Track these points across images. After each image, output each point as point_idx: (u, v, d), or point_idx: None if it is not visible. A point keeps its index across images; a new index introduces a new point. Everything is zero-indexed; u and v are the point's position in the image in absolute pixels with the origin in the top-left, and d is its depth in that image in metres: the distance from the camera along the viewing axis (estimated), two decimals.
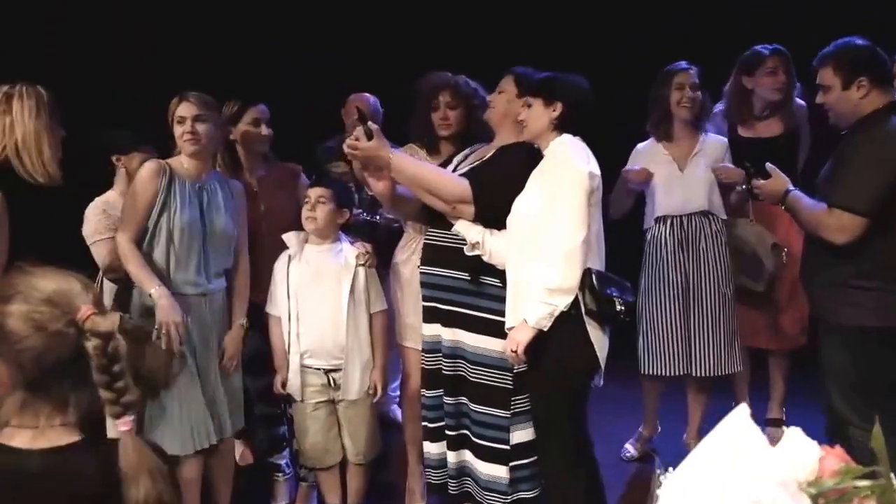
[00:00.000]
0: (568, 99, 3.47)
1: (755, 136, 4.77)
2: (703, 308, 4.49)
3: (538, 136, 3.54)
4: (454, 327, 3.73)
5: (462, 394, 3.77)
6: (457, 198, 3.58)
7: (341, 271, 3.99)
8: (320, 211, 3.96)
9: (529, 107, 3.51)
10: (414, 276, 4.02)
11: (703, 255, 4.50)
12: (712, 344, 4.49)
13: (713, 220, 4.54)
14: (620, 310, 3.33)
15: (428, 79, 4.06)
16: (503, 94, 3.75)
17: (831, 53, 3.53)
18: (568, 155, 3.39)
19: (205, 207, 3.83)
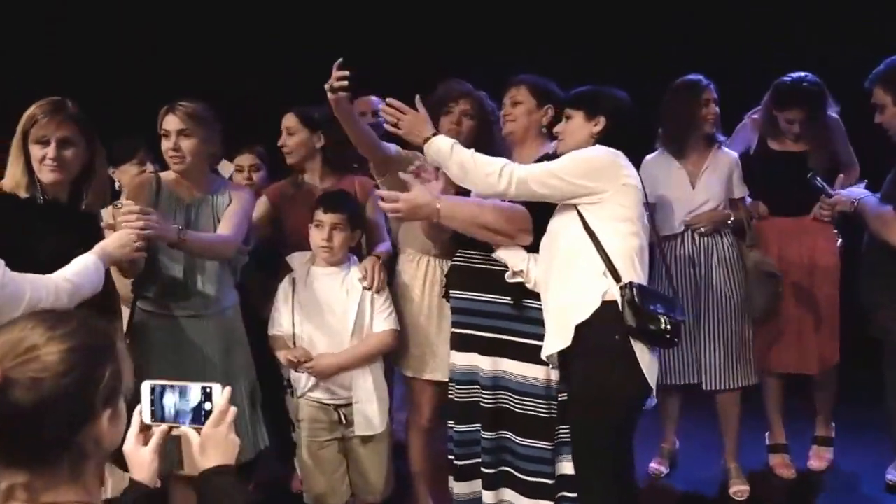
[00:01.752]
0: (611, 113, 3.42)
1: (784, 149, 4.70)
2: (712, 319, 4.48)
3: (577, 149, 3.43)
4: (496, 356, 3.64)
5: (505, 427, 3.69)
6: (519, 228, 3.52)
7: (349, 298, 3.87)
8: (337, 239, 3.84)
9: (568, 119, 3.47)
10: (427, 301, 3.96)
11: (714, 270, 4.49)
12: (722, 355, 4.47)
13: (725, 234, 4.54)
14: (666, 328, 3.22)
15: (449, 84, 3.97)
16: (522, 106, 3.72)
17: (881, 73, 3.61)
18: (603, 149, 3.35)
19: (190, 225, 3.69)
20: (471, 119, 3.90)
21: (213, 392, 2.07)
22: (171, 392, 2.06)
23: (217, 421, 2.04)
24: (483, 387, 3.67)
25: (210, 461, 2.01)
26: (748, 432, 4.80)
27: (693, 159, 4.55)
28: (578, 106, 3.45)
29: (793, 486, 4.77)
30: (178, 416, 2.06)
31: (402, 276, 4.03)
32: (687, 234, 4.48)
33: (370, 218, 4.10)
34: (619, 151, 3.39)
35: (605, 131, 3.41)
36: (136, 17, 6.16)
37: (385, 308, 3.92)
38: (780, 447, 4.91)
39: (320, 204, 3.89)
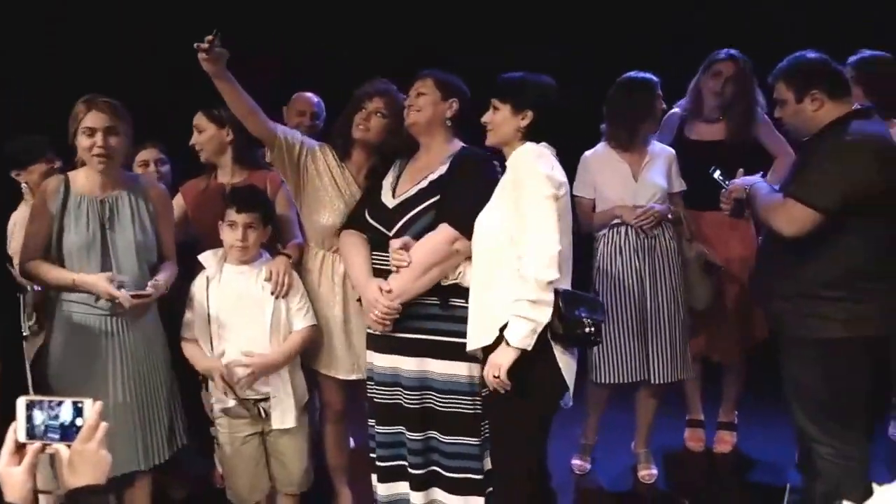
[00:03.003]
0: (538, 107, 3.39)
1: (698, 138, 4.83)
2: (660, 314, 4.50)
3: (504, 142, 3.46)
4: (422, 356, 3.63)
5: (432, 427, 3.68)
6: (451, 243, 3.53)
7: (265, 295, 3.84)
8: (251, 238, 3.81)
9: (496, 110, 3.43)
10: (333, 297, 3.94)
11: (658, 262, 4.52)
12: (669, 350, 4.49)
13: (666, 227, 4.56)
14: (590, 331, 3.26)
15: (368, 83, 3.97)
16: (426, 97, 3.69)
17: (783, 68, 3.59)
18: (531, 163, 3.31)
19: (106, 222, 3.68)
20: (382, 117, 3.89)
21: (85, 407, 1.99)
22: (45, 408, 1.98)
23: (87, 437, 1.97)
24: (407, 388, 3.65)
25: (80, 479, 1.94)
26: (667, 417, 4.93)
27: (635, 154, 4.57)
28: (505, 98, 3.41)
29: (700, 468, 4.93)
30: (49, 431, 1.97)
31: (306, 272, 4.00)
32: (630, 228, 4.49)
33: (281, 213, 4.07)
34: (552, 159, 3.35)
35: (532, 125, 3.38)
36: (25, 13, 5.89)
37: (303, 305, 3.90)
38: (696, 422, 5.11)
39: (232, 203, 3.85)
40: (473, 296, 3.41)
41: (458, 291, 3.56)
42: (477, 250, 3.41)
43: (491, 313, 3.31)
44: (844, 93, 3.55)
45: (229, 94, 3.76)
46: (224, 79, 3.70)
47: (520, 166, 3.33)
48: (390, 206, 3.69)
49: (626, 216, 4.48)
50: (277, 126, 3.97)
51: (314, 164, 3.98)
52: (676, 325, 4.50)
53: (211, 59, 3.58)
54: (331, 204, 3.95)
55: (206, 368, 3.82)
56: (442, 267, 3.56)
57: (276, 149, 3.93)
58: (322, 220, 3.96)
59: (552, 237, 3.20)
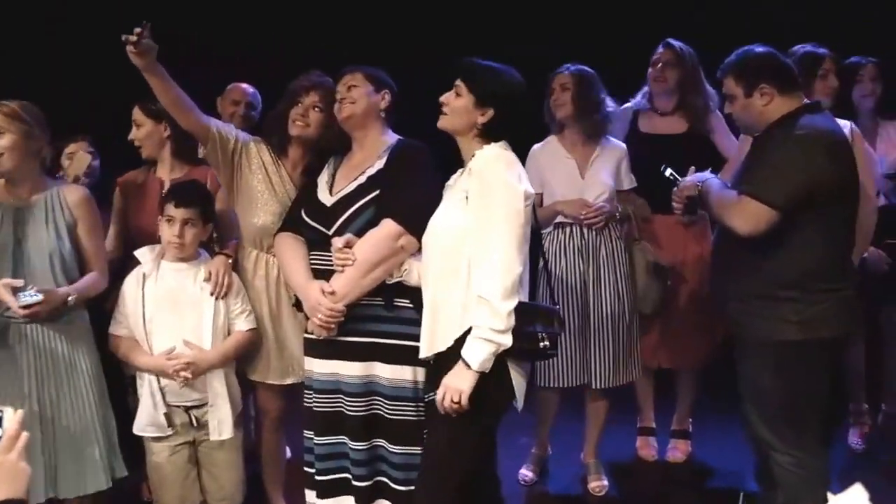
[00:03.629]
0: (501, 106, 3.28)
1: (654, 132, 4.80)
2: (602, 316, 4.45)
3: (456, 132, 3.34)
4: (368, 360, 3.55)
5: (377, 435, 3.59)
6: (396, 239, 3.47)
7: (203, 295, 3.78)
8: (189, 235, 3.75)
9: (458, 95, 3.30)
10: (268, 300, 3.89)
11: (603, 263, 4.46)
12: (611, 354, 4.45)
13: (613, 227, 4.50)
14: (544, 346, 3.21)
15: (304, 76, 3.90)
16: (359, 89, 3.65)
17: (731, 63, 3.58)
18: (499, 173, 3.21)
19: (18, 229, 3.61)
20: (320, 112, 3.82)
21: (4, 417, 1.95)
22: None
23: (6, 448, 1.91)
24: (350, 395, 3.56)
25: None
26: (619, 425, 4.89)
27: (583, 149, 4.52)
28: (471, 87, 3.28)
29: (653, 477, 4.86)
30: None
31: (241, 272, 3.93)
32: (575, 227, 4.44)
33: (221, 211, 3.98)
34: (518, 166, 3.28)
35: (490, 123, 3.28)
36: None
37: (244, 307, 3.85)
38: (647, 430, 5.04)
39: (171, 197, 3.78)
40: (428, 298, 3.30)
41: (403, 291, 3.51)
42: (432, 250, 3.32)
43: (447, 317, 3.23)
44: (794, 87, 3.54)
45: (159, 88, 3.68)
46: (154, 73, 3.63)
47: (487, 174, 3.21)
48: (328, 204, 3.62)
49: (569, 210, 4.42)
50: (211, 120, 3.89)
51: (248, 160, 3.90)
52: (621, 328, 4.46)
53: (139, 52, 3.50)
54: (265, 204, 3.88)
55: (147, 366, 3.72)
56: (387, 265, 3.49)
57: (209, 144, 3.85)
58: (256, 220, 3.89)
59: (513, 259, 3.12)
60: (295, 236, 3.72)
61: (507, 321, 3.09)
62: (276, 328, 3.92)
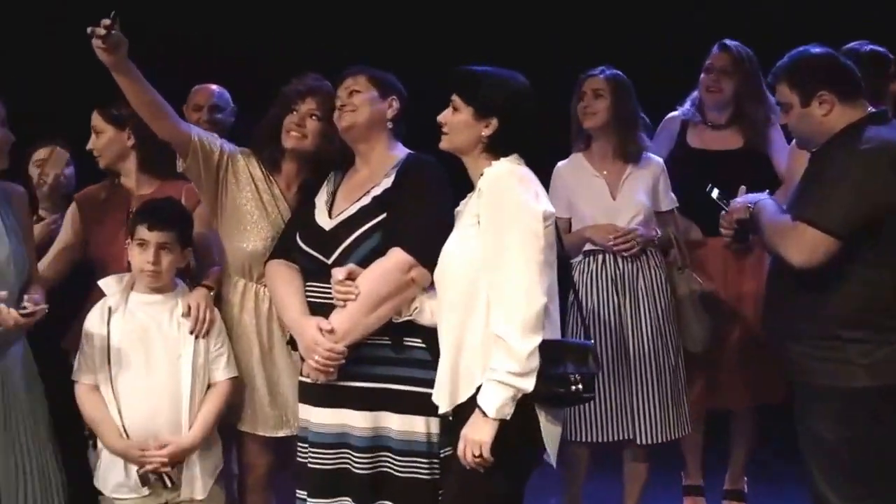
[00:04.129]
0: (506, 115, 3.10)
1: (704, 147, 4.58)
2: (643, 357, 4.20)
3: (461, 151, 3.17)
4: (375, 410, 3.34)
5: (386, 497, 3.36)
6: (406, 271, 3.29)
7: (182, 334, 3.57)
8: (165, 261, 3.54)
9: (455, 110, 3.14)
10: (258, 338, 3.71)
11: (642, 296, 4.23)
12: (658, 403, 4.18)
13: (652, 254, 4.28)
14: (577, 389, 3.00)
15: (298, 80, 3.73)
16: (362, 95, 3.48)
17: (785, 67, 3.41)
18: (510, 191, 3.03)
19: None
20: (317, 120, 3.63)
21: None
22: None
23: None
24: (358, 449, 3.34)
25: None
26: (664, 474, 4.61)
27: (613, 166, 4.30)
28: (468, 100, 3.12)
29: None
30: None
31: (226, 306, 3.73)
32: (607, 255, 4.21)
33: (199, 233, 3.78)
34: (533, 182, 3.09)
35: (496, 135, 3.10)
36: None
37: (223, 350, 3.63)
38: (695, 489, 4.72)
39: (143, 218, 3.56)
40: (444, 340, 3.11)
41: (413, 329, 3.32)
42: (445, 284, 3.14)
43: (467, 362, 3.04)
44: (857, 94, 3.34)
45: (131, 90, 3.50)
46: (124, 71, 3.44)
47: (496, 193, 3.05)
48: (327, 228, 3.44)
49: (598, 238, 4.20)
50: (192, 128, 3.72)
51: (235, 175, 3.72)
52: (665, 371, 4.20)
53: (108, 47, 3.31)
54: (255, 226, 3.69)
55: (115, 451, 3.52)
56: (395, 300, 3.29)
57: (189, 156, 3.64)
58: (244, 244, 3.69)
59: (533, 290, 2.92)
60: (289, 265, 3.53)
61: (527, 363, 2.90)
62: (267, 371, 3.71)
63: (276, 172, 3.75)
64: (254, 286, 3.72)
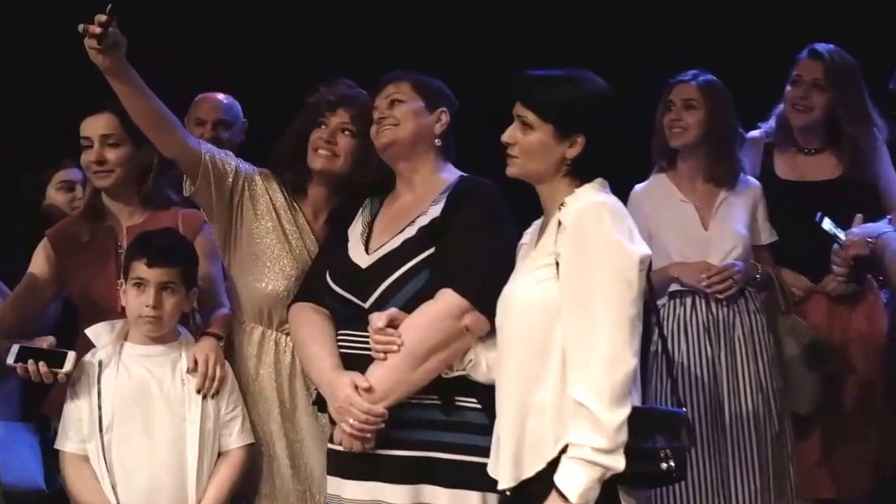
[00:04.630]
0: (594, 129, 2.82)
1: (794, 177, 4.27)
2: (741, 419, 3.94)
3: (538, 178, 2.90)
4: (419, 483, 3.14)
5: None
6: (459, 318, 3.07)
7: (187, 392, 3.35)
8: (168, 304, 3.31)
9: (527, 128, 2.84)
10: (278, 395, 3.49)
11: (740, 346, 3.97)
12: (759, 478, 3.91)
13: (751, 297, 4.02)
14: (668, 467, 2.80)
15: (327, 88, 3.54)
16: (405, 106, 3.29)
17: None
18: (606, 231, 2.79)
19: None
20: (350, 136, 3.42)
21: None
22: None
23: None
24: None
25: None
26: None
27: (704, 190, 4.06)
28: (546, 115, 2.82)
29: None
30: None
31: (240, 359, 3.50)
32: (698, 297, 3.98)
33: (203, 271, 3.57)
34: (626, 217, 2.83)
35: (584, 155, 2.81)
36: None
37: (237, 412, 3.40)
38: None
39: (141, 253, 3.33)
40: (505, 401, 2.89)
41: (467, 386, 3.11)
42: (509, 333, 2.90)
43: (534, 430, 2.82)
44: None
45: (131, 98, 3.31)
46: (122, 76, 3.25)
47: (584, 231, 2.80)
48: (363, 266, 3.21)
49: (687, 278, 3.95)
50: (202, 143, 3.51)
51: (252, 202, 3.51)
52: (767, 437, 3.94)
53: (104, 48, 3.13)
54: (276, 262, 3.48)
55: None
56: (445, 352, 3.09)
57: (199, 177, 3.41)
58: (262, 284, 3.45)
59: (623, 349, 2.72)
60: (317, 308, 3.30)
61: (616, 437, 2.69)
62: (289, 437, 3.48)
63: (302, 198, 3.55)
64: (273, 334, 3.50)
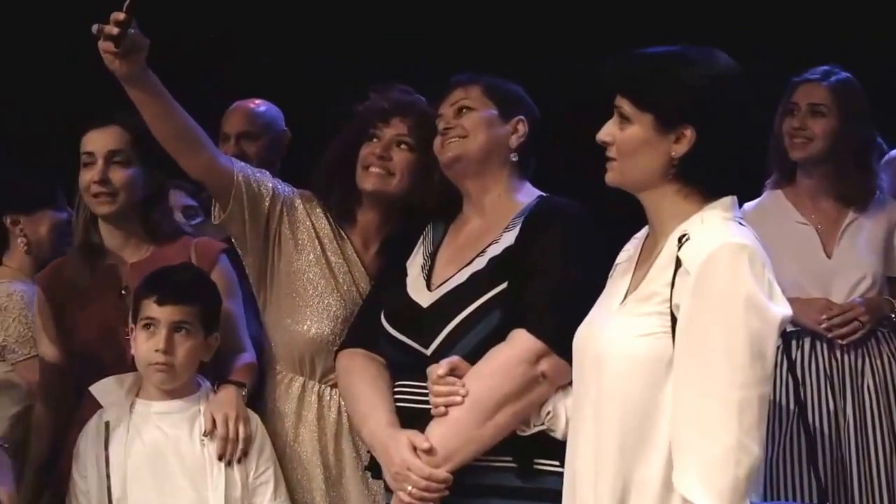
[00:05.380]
0: (708, 117, 2.37)
1: None
2: (876, 490, 3.60)
3: (643, 187, 2.46)
4: None
5: None
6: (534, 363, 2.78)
7: (205, 454, 3.07)
8: (182, 349, 3.03)
9: (625, 121, 2.42)
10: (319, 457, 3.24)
11: (871, 399, 3.66)
12: None
13: (886, 339, 3.69)
14: None
15: (380, 94, 3.26)
16: (475, 114, 2.98)
17: None
18: (743, 284, 2.38)
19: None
20: (408, 150, 3.12)
21: None
22: None
23: None
24: None
25: None
26: None
27: (826, 210, 3.75)
28: (643, 101, 2.38)
29: None
30: None
31: (274, 416, 3.23)
32: (818, 340, 3.66)
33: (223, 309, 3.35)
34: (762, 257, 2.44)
35: (694, 154, 2.35)
36: None
37: (268, 475, 3.09)
38: None
39: (151, 290, 3.06)
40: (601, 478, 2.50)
41: (546, 446, 2.78)
42: (606, 396, 2.50)
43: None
44: None
45: (153, 110, 3.04)
46: (143, 85, 2.98)
47: (714, 281, 2.40)
48: (425, 306, 2.94)
49: (803, 317, 3.60)
50: (234, 162, 3.22)
51: (292, 229, 3.23)
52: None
53: (122, 51, 2.86)
54: (320, 301, 3.20)
55: None
56: (519, 404, 2.82)
57: (231, 201, 3.14)
58: (304, 327, 3.17)
59: (748, 440, 2.35)
60: (370, 356, 3.03)
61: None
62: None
63: (350, 225, 3.27)
64: (316, 387, 3.21)
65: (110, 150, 3.26)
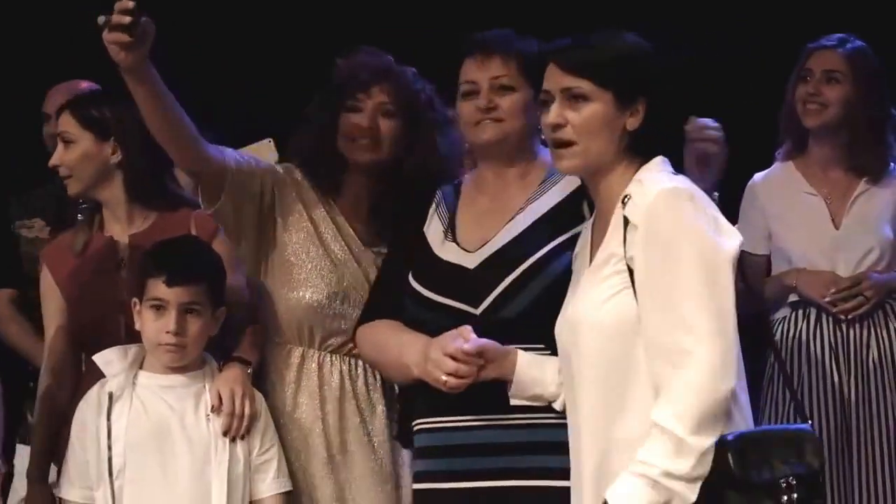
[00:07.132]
0: (657, 91, 2.52)
1: None
2: (878, 467, 3.62)
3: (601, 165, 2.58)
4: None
5: None
6: None
7: (209, 430, 3.09)
8: (193, 328, 3.04)
9: (580, 100, 2.53)
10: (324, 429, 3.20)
11: (876, 373, 3.66)
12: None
13: (892, 312, 3.69)
14: (789, 500, 2.50)
15: (355, 60, 3.21)
16: (516, 95, 2.87)
17: None
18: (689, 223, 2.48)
19: None
20: (392, 117, 3.10)
21: None
22: None
23: None
24: None
25: None
26: None
27: (838, 181, 3.71)
28: (599, 78, 2.47)
29: None
30: None
31: (275, 388, 3.20)
32: (823, 312, 3.64)
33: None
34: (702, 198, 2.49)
35: (643, 126, 2.49)
36: None
37: (271, 453, 3.12)
38: None
39: (159, 270, 3.03)
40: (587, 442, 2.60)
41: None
42: (583, 365, 2.60)
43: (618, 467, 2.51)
44: None
45: (152, 104, 3.00)
46: (143, 77, 2.93)
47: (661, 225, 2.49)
48: (471, 266, 2.90)
49: (808, 290, 3.63)
50: (225, 152, 3.17)
51: (281, 203, 3.23)
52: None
53: (131, 42, 2.80)
54: (315, 267, 3.20)
55: None
56: None
57: (225, 192, 3.12)
58: (301, 293, 3.17)
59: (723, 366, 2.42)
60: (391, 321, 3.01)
61: (698, 466, 2.41)
62: (338, 477, 3.18)
63: (336, 192, 3.26)
64: (316, 355, 3.18)
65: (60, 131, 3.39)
